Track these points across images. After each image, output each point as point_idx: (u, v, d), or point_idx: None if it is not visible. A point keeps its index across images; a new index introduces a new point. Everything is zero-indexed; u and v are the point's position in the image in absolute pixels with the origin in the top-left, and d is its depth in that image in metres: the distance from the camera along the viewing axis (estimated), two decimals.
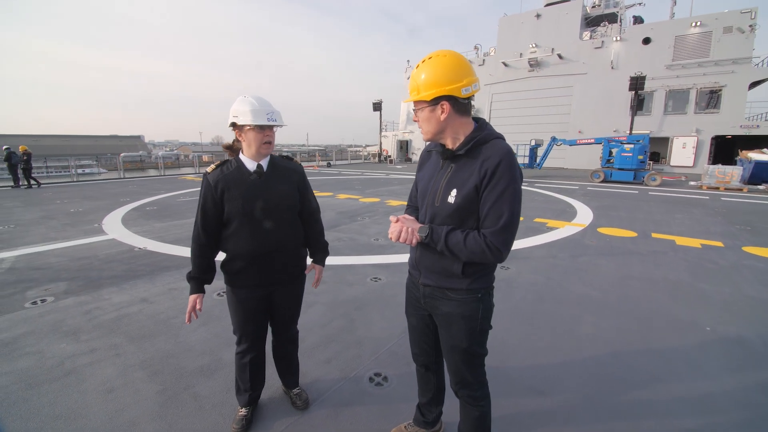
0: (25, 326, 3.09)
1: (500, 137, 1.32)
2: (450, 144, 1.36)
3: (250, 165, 1.76)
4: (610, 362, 2.56)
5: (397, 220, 1.40)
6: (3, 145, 13.86)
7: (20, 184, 13.77)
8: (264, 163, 1.79)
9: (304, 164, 26.80)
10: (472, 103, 1.33)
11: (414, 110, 1.35)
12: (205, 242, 1.76)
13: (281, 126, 1.76)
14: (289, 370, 2.12)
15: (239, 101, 1.70)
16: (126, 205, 9.21)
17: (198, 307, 1.77)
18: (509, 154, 1.24)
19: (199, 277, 1.78)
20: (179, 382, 2.34)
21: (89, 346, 2.77)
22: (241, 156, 1.78)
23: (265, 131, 1.71)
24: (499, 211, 1.22)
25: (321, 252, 2.09)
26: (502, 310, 3.33)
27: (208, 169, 1.76)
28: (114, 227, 6.80)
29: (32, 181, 13.36)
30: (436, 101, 1.26)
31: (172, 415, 2.05)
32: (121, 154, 24.58)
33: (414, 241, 1.36)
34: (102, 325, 3.10)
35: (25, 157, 13.10)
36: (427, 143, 1.51)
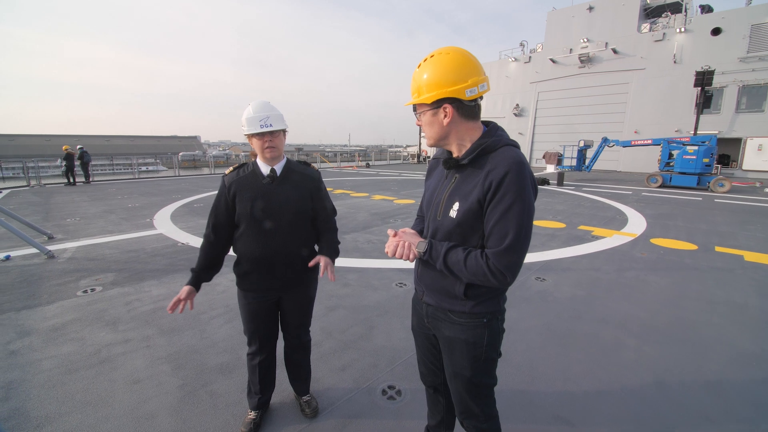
0: (74, 313, 3.35)
1: (512, 144, 1.17)
2: (456, 151, 1.24)
3: (264, 169, 1.80)
4: (653, 395, 2.27)
5: (395, 234, 1.31)
6: (77, 144, 15.40)
7: (90, 180, 15.28)
8: (279, 167, 1.81)
9: (343, 165, 27.37)
10: (480, 104, 1.20)
11: (416, 114, 1.24)
12: (213, 240, 1.82)
13: (282, 130, 1.76)
14: (299, 377, 2.11)
15: (244, 111, 1.74)
16: (176, 202, 9.84)
17: (183, 297, 1.68)
18: (519, 164, 1.10)
19: (198, 272, 1.81)
20: (199, 378, 2.40)
21: (125, 337, 2.94)
22: (257, 161, 1.82)
23: (264, 137, 1.71)
24: (504, 229, 1.09)
25: (330, 250, 1.94)
26: (534, 327, 3.11)
27: (227, 171, 1.84)
28: (163, 223, 7.28)
29: (70, 179, 14.37)
30: (438, 104, 1.15)
31: (188, 411, 2.10)
32: (180, 153, 26.46)
33: (411, 256, 1.27)
34: (139, 316, 3.29)
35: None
36: (436, 150, 1.40)
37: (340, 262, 4.62)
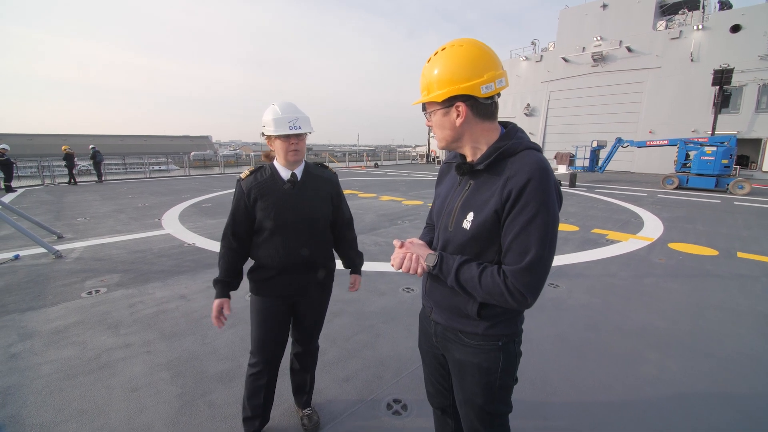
0: (77, 315, 3.32)
1: (533, 147, 1.04)
2: (470, 155, 1.12)
3: (284, 173, 1.72)
4: (674, 411, 2.12)
5: (402, 245, 1.19)
6: (89, 144, 15.63)
7: (102, 179, 15.48)
8: (298, 171, 1.75)
9: (352, 165, 27.32)
10: (497, 102, 1.08)
11: (426, 113, 1.12)
12: (235, 247, 1.75)
13: (308, 133, 1.69)
14: (303, 388, 2.01)
15: (267, 111, 1.66)
16: (185, 202, 9.87)
17: (226, 311, 1.75)
18: (542, 170, 0.97)
19: (225, 280, 1.75)
20: (198, 387, 2.33)
21: (126, 341, 2.89)
22: (275, 163, 1.75)
23: (290, 140, 1.65)
24: (525, 244, 0.96)
25: (356, 263, 2.04)
26: (547, 337, 2.97)
27: (242, 175, 1.74)
28: (171, 223, 7.29)
29: (70, 179, 14.36)
30: (450, 102, 1.03)
31: (185, 423, 2.03)
32: (191, 153, 26.71)
33: (419, 270, 1.15)
34: (141, 319, 3.24)
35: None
36: (447, 152, 1.29)
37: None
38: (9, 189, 12.25)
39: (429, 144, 31.38)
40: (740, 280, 4.28)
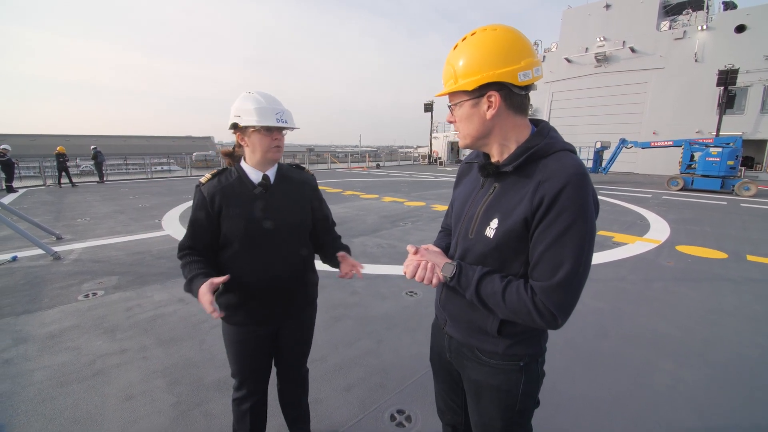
0: (73, 319, 3.25)
1: (568, 149, 0.95)
2: (496, 154, 1.01)
3: (254, 176, 1.47)
4: (691, 428, 2.03)
5: (416, 251, 1.09)
6: (91, 144, 15.61)
7: (104, 180, 15.43)
8: (271, 173, 1.51)
9: (354, 165, 27.22)
10: (531, 98, 0.99)
11: (450, 107, 1.01)
12: (198, 257, 1.42)
13: (292, 129, 1.47)
14: (299, 419, 1.82)
15: (242, 98, 1.41)
16: (186, 202, 9.80)
17: (211, 304, 1.23)
18: (579, 176, 0.87)
19: (202, 271, 1.36)
20: (195, 396, 2.25)
21: (121, 346, 2.81)
22: (242, 164, 1.49)
23: (273, 134, 1.42)
24: (558, 258, 0.87)
25: (344, 247, 1.67)
26: (555, 344, 2.84)
27: (202, 179, 1.46)
28: (171, 223, 7.22)
29: (63, 181, 13.84)
30: (481, 91, 0.92)
31: None
32: (194, 154, 26.64)
33: (434, 281, 1.05)
34: (138, 324, 3.16)
35: (61, 159, 13.45)
36: (469, 152, 1.19)
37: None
38: (10, 189, 12.23)
39: (431, 145, 31.29)
40: (753, 284, 4.16)
